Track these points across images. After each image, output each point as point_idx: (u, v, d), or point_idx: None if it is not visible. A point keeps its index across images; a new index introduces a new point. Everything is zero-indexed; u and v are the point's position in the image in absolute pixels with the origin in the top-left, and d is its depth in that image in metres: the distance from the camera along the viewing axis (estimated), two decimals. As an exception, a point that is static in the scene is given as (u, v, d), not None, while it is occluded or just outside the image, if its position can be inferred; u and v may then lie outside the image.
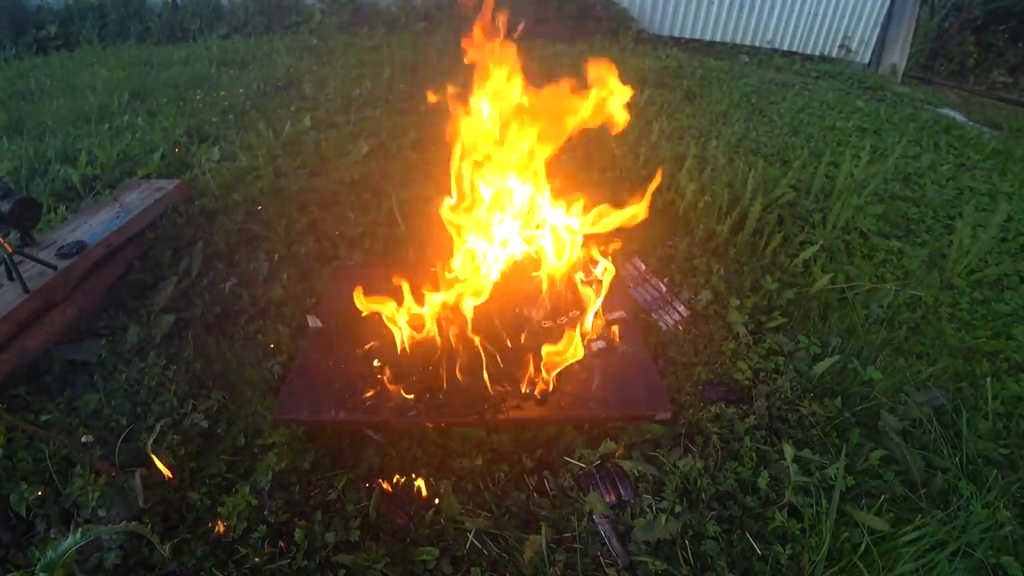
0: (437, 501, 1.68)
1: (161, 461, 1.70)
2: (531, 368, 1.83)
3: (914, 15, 7.76)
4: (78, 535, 1.14)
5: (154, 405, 1.91)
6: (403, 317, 1.83)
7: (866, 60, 8.02)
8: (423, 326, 1.89)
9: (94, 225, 2.45)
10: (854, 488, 1.75)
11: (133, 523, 1.38)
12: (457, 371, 1.82)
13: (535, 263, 2.06)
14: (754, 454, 1.81)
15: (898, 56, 7.84)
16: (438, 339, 1.85)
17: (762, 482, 1.72)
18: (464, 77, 2.01)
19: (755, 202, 2.84)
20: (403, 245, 2.71)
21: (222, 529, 1.55)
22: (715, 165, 3.38)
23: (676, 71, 5.73)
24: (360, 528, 1.59)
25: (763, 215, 3.00)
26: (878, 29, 7.82)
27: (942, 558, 1.51)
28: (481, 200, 1.97)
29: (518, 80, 1.90)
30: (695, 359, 2.20)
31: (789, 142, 4.29)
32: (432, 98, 2.02)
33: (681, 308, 2.40)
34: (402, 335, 1.85)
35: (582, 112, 1.80)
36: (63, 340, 2.12)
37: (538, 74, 1.96)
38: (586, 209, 1.98)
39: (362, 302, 1.81)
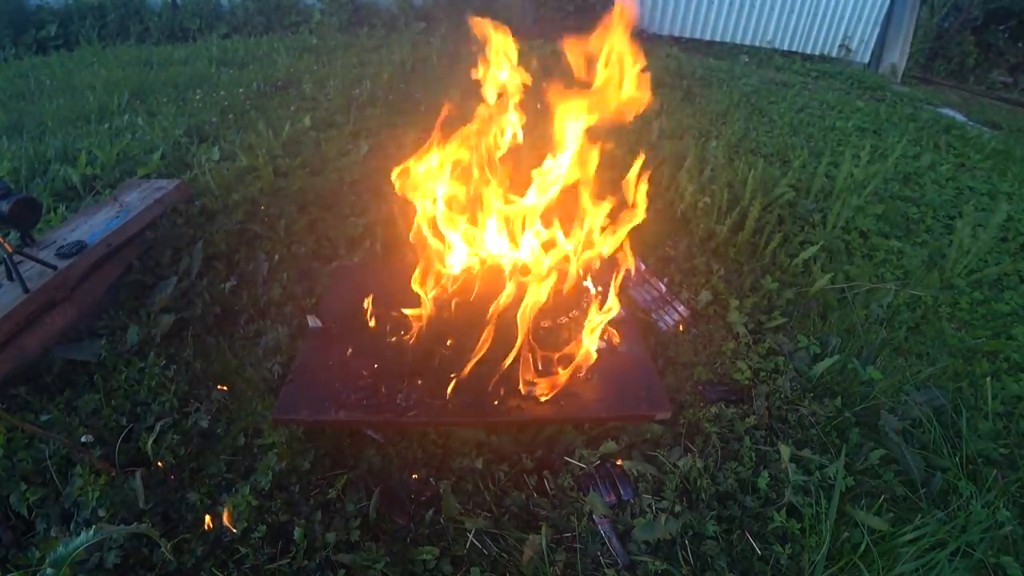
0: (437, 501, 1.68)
1: (161, 461, 1.70)
2: (531, 368, 1.82)
3: (914, 15, 7.76)
4: (91, 532, 1.13)
5: (154, 405, 1.91)
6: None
7: (866, 60, 8.02)
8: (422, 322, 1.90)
9: (94, 225, 2.45)
10: (854, 488, 1.75)
11: (143, 525, 1.37)
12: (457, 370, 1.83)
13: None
14: (754, 454, 1.81)
15: (898, 56, 7.84)
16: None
17: (762, 482, 1.72)
18: (463, 76, 2.01)
19: (755, 202, 2.84)
20: (403, 245, 2.71)
21: (228, 519, 1.55)
22: (715, 165, 3.38)
23: (676, 71, 5.73)
24: (360, 528, 1.59)
25: (763, 215, 3.01)
26: (878, 29, 7.82)
27: (942, 558, 1.51)
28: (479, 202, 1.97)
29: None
30: (695, 359, 2.20)
31: (789, 142, 4.29)
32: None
33: (681, 308, 2.40)
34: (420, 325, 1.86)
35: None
36: (63, 340, 2.12)
37: (538, 74, 1.96)
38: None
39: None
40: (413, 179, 1.89)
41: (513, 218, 2.01)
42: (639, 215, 1.86)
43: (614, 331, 2.04)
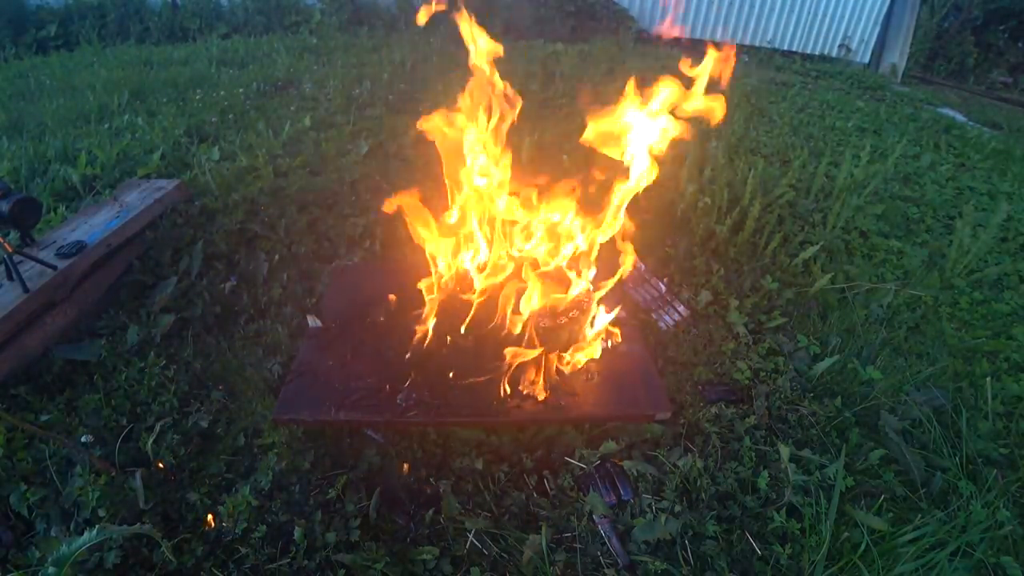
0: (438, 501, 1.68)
1: (161, 461, 1.70)
2: (531, 368, 1.83)
3: (914, 15, 7.76)
4: (93, 532, 1.13)
5: (154, 405, 1.91)
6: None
7: (866, 60, 8.02)
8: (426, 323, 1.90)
9: (94, 225, 2.45)
10: (854, 488, 1.75)
11: (147, 526, 1.37)
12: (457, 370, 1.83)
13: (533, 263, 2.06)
14: (754, 454, 1.81)
15: (898, 56, 7.84)
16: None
17: (762, 482, 1.72)
18: (461, 76, 2.01)
19: (755, 202, 2.84)
20: (403, 245, 2.71)
21: (214, 523, 1.55)
22: (715, 165, 3.38)
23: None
24: (360, 528, 1.59)
25: (763, 215, 3.00)
26: (878, 29, 7.82)
27: (942, 558, 1.51)
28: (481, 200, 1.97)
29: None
30: (695, 359, 2.20)
31: (789, 142, 4.29)
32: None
33: (681, 308, 2.40)
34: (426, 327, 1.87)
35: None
36: (63, 340, 2.12)
37: (538, 74, 1.96)
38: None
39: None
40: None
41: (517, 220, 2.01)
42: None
43: (614, 331, 2.04)
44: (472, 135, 1.85)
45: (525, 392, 1.82)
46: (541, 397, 1.81)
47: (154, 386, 1.96)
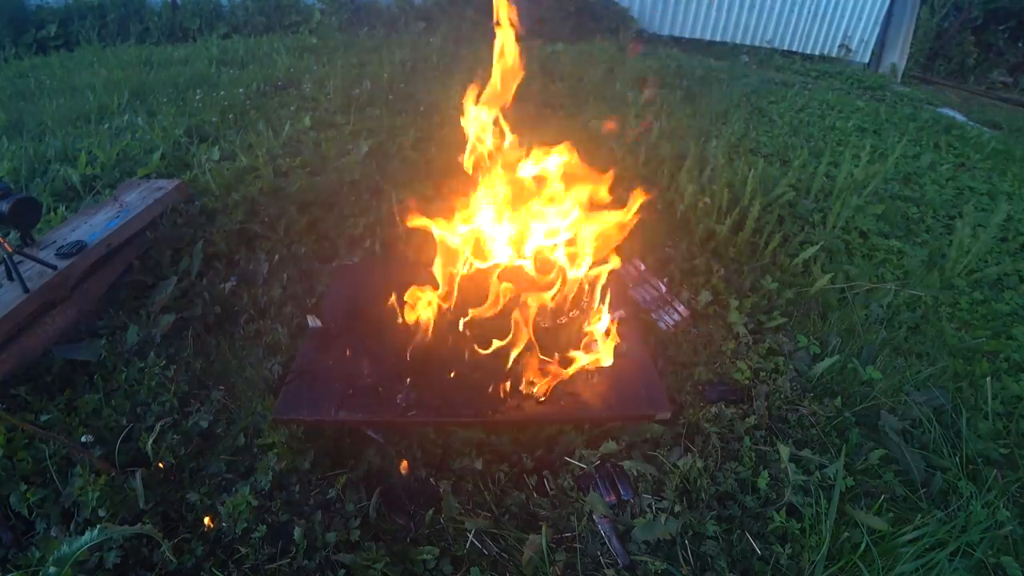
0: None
1: (161, 461, 1.70)
2: (532, 369, 1.82)
3: (914, 15, 7.76)
4: (95, 532, 1.13)
5: (154, 405, 1.91)
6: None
7: (866, 60, 8.03)
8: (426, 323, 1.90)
9: (94, 225, 2.45)
10: (854, 488, 1.75)
11: (147, 526, 1.38)
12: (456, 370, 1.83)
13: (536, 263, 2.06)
14: (754, 454, 1.81)
15: (898, 56, 7.84)
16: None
17: (762, 482, 1.72)
18: (462, 76, 2.01)
19: (755, 202, 2.83)
20: (403, 245, 2.71)
21: (214, 523, 1.55)
22: (715, 165, 3.38)
23: (676, 71, 5.74)
24: (360, 528, 1.59)
25: (763, 215, 3.00)
26: (878, 29, 7.82)
27: (942, 558, 1.51)
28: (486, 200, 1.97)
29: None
30: (695, 359, 2.20)
31: (789, 142, 4.30)
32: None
33: (681, 308, 2.40)
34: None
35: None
36: (63, 340, 2.12)
37: (538, 74, 1.96)
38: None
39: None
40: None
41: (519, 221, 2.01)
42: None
43: (614, 331, 2.04)
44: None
45: (525, 392, 1.82)
46: (541, 398, 1.81)
47: (154, 386, 1.96)
